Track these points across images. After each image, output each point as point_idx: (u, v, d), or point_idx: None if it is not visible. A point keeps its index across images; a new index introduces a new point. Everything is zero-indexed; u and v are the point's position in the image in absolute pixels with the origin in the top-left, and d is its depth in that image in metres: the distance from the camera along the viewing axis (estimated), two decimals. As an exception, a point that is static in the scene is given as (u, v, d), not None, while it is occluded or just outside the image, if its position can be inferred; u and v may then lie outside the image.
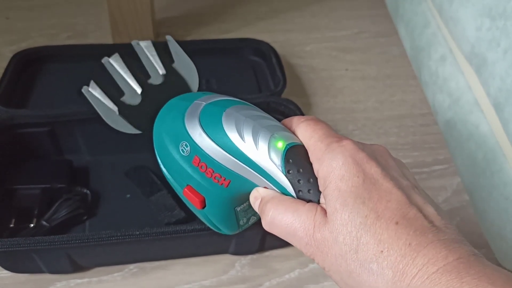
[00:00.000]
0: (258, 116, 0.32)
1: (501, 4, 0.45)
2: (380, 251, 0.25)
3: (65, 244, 0.47)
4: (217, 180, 0.32)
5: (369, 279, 0.25)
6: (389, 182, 0.27)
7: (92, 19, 0.84)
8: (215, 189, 0.32)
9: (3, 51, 0.76)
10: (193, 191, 0.33)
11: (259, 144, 0.30)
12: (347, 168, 0.27)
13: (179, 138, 0.33)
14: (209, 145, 0.31)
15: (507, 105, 0.44)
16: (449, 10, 0.55)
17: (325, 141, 0.29)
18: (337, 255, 0.26)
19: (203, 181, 0.32)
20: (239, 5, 0.92)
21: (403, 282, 0.24)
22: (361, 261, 0.25)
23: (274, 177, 0.30)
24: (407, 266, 0.24)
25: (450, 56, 0.56)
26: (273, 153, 0.30)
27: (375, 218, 0.26)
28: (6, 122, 0.57)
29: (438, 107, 0.60)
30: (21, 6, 0.86)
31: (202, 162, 0.32)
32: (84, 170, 0.61)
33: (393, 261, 0.24)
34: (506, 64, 0.44)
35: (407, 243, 0.25)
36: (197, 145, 0.32)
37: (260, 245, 0.54)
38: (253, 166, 0.31)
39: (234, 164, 0.31)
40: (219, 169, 0.32)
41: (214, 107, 0.33)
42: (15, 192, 0.56)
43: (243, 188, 0.32)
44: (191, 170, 0.33)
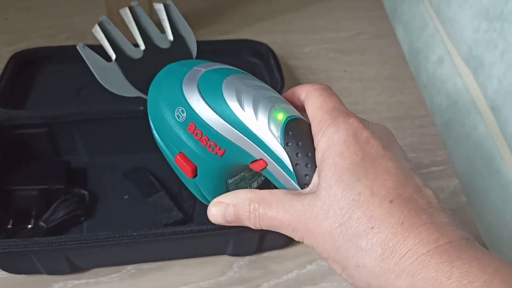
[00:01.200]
0: (260, 87, 0.31)
1: (498, 6, 0.45)
2: (371, 227, 0.25)
3: (62, 245, 0.47)
4: (212, 149, 0.31)
5: (357, 254, 0.25)
6: (388, 162, 0.27)
7: (90, 20, 0.83)
8: (208, 158, 0.32)
9: (1, 51, 0.76)
10: (185, 159, 0.33)
11: (259, 115, 0.30)
12: (348, 145, 0.27)
13: (175, 103, 0.32)
14: (206, 111, 0.31)
15: (504, 106, 0.44)
16: (446, 12, 0.55)
17: (333, 114, 0.29)
18: (325, 231, 0.26)
19: (197, 148, 0.32)
20: (238, 6, 0.92)
21: (391, 260, 0.24)
22: (350, 237, 0.25)
23: (271, 149, 0.30)
24: (397, 244, 0.24)
25: (447, 57, 0.56)
26: (273, 124, 0.29)
27: (369, 195, 0.25)
28: (4, 123, 0.57)
29: (436, 108, 0.60)
30: (19, 7, 0.86)
31: (198, 129, 0.31)
32: (82, 171, 0.61)
33: (383, 238, 0.24)
34: (503, 66, 0.44)
35: (399, 221, 0.24)
36: (194, 111, 0.31)
37: (258, 246, 0.54)
38: (251, 136, 0.30)
39: (231, 133, 0.30)
40: (215, 138, 0.31)
41: (214, 74, 0.32)
42: (12, 193, 0.56)
43: (238, 159, 0.31)
44: (186, 136, 0.32)
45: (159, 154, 0.62)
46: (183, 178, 0.35)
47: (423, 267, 0.23)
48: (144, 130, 0.60)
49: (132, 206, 0.58)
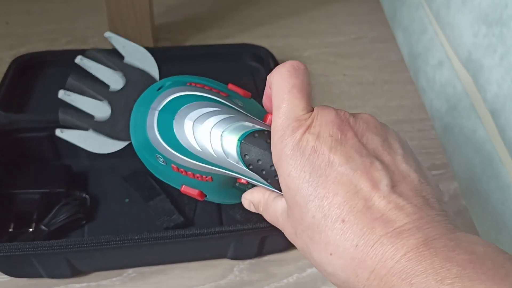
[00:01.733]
0: (207, 114, 0.31)
1: (498, 11, 0.46)
2: (329, 254, 0.24)
3: (64, 248, 0.47)
4: (202, 179, 0.33)
5: (329, 277, 0.25)
6: (337, 169, 0.25)
7: (91, 25, 0.84)
8: (204, 184, 0.34)
9: (2, 55, 0.76)
10: (189, 189, 0.35)
11: (214, 147, 0.30)
12: (293, 162, 0.25)
13: (151, 151, 0.34)
14: (176, 155, 0.32)
15: (504, 111, 0.45)
16: (446, 16, 0.56)
17: (285, 124, 0.27)
18: (301, 249, 0.27)
19: (190, 181, 0.34)
20: (238, 10, 0.93)
21: (358, 284, 0.23)
22: (317, 261, 0.25)
23: (242, 173, 0.31)
24: (358, 269, 0.23)
25: (447, 61, 0.56)
26: (229, 151, 0.30)
27: (321, 217, 0.24)
28: (5, 126, 0.57)
29: (435, 112, 0.60)
30: (21, 11, 0.86)
31: (180, 168, 0.33)
32: (83, 175, 0.61)
33: (342, 264, 0.23)
34: (502, 70, 0.45)
35: (354, 244, 0.23)
36: (167, 156, 0.33)
37: (258, 250, 0.54)
38: (219, 167, 0.31)
39: (205, 167, 0.32)
40: (197, 171, 0.32)
41: (165, 115, 0.32)
42: (14, 196, 0.56)
43: (226, 180, 0.33)
44: (175, 175, 0.34)
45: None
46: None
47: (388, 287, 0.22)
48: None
49: (133, 209, 0.58)
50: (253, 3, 0.95)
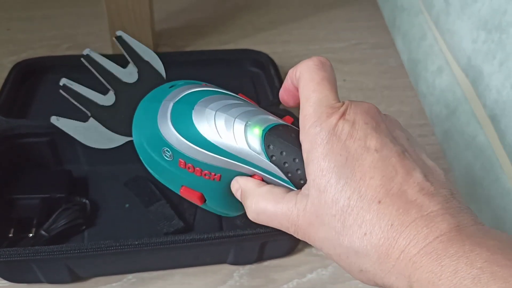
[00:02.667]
0: (229, 106, 0.31)
1: (497, 17, 0.46)
2: (363, 234, 0.24)
3: (64, 254, 0.47)
4: (208, 177, 0.31)
5: (358, 261, 0.25)
6: (373, 155, 0.25)
7: (92, 30, 0.84)
8: (209, 185, 0.32)
9: (3, 61, 0.76)
10: (189, 190, 0.33)
11: (236, 136, 0.30)
12: (330, 146, 0.26)
13: (158, 145, 0.32)
14: (188, 147, 0.31)
15: (503, 116, 0.45)
16: (445, 23, 0.56)
17: (317, 110, 0.27)
18: (324, 238, 0.26)
19: (194, 180, 0.32)
20: (238, 16, 0.93)
21: (388, 264, 0.24)
22: (347, 245, 0.25)
23: (260, 165, 0.30)
24: (390, 248, 0.24)
25: (447, 68, 0.57)
26: (252, 142, 0.29)
27: (357, 199, 0.25)
28: (6, 132, 0.57)
29: (435, 118, 0.60)
30: (22, 17, 0.87)
31: (188, 164, 0.31)
32: (83, 180, 0.61)
33: (376, 243, 0.24)
34: (502, 76, 0.45)
35: (389, 223, 0.24)
36: (177, 149, 0.31)
37: (258, 255, 0.54)
38: (236, 159, 0.30)
39: (218, 161, 0.31)
40: (206, 167, 0.31)
41: (182, 106, 0.32)
42: (14, 201, 0.56)
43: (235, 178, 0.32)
44: (180, 172, 0.32)
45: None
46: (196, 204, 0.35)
47: (415, 269, 0.23)
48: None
49: (133, 214, 0.58)
50: (254, 10, 0.95)
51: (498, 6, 0.46)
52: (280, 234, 0.50)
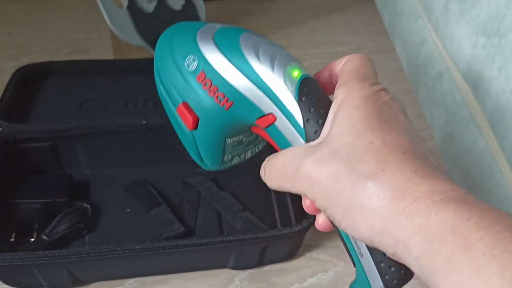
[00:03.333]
0: (276, 45, 0.31)
1: (496, 22, 0.46)
2: (381, 169, 0.24)
3: (65, 258, 0.47)
4: (219, 100, 0.30)
5: (363, 195, 0.24)
6: (402, 123, 0.26)
7: (93, 35, 0.85)
8: (213, 110, 0.31)
9: (4, 66, 0.77)
10: (188, 109, 0.31)
11: (275, 68, 0.29)
12: (366, 101, 0.27)
13: (186, 52, 0.31)
14: (220, 60, 0.30)
15: (503, 121, 0.45)
16: (445, 28, 0.56)
17: (362, 77, 0.28)
18: (329, 174, 0.25)
19: (203, 99, 0.31)
20: (238, 21, 0.93)
21: (401, 203, 0.23)
22: (357, 177, 0.24)
23: (284, 103, 0.29)
24: (409, 189, 0.23)
25: (446, 73, 0.57)
26: (288, 78, 0.29)
27: (381, 144, 0.25)
28: (8, 136, 0.58)
29: (435, 122, 0.61)
30: (23, 22, 0.87)
31: (207, 78, 0.30)
32: (84, 185, 0.61)
33: (394, 181, 0.24)
34: (501, 81, 0.45)
35: (413, 169, 0.24)
36: (206, 60, 0.30)
37: (259, 260, 0.54)
38: (264, 88, 0.29)
39: (243, 84, 0.30)
40: (225, 88, 0.30)
41: (230, 29, 0.32)
42: (15, 206, 0.56)
43: (244, 113, 0.31)
44: (194, 85, 0.31)
45: (161, 167, 0.63)
46: (181, 132, 0.33)
47: (439, 210, 0.22)
48: (146, 143, 0.61)
49: (134, 219, 0.58)
50: (254, 14, 0.96)
51: (497, 11, 0.46)
52: (281, 238, 0.50)
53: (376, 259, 0.28)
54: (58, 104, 0.66)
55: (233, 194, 0.60)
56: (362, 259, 0.28)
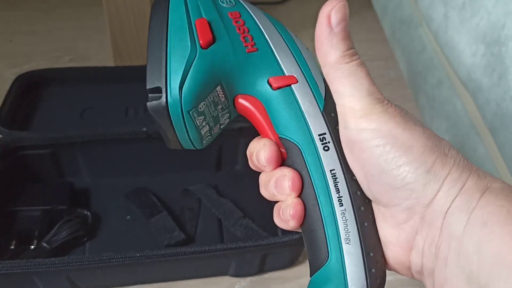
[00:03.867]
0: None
1: (496, 31, 0.46)
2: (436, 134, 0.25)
3: (65, 266, 0.47)
4: (245, 40, 0.28)
5: (407, 153, 0.24)
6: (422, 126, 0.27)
7: (93, 43, 0.85)
8: (235, 46, 0.27)
9: (6, 74, 0.77)
10: (206, 27, 0.27)
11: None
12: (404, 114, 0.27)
13: None
14: (257, 11, 0.29)
15: (503, 129, 0.45)
16: (445, 36, 0.57)
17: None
18: (402, 112, 0.26)
19: (229, 31, 0.28)
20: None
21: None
22: (408, 134, 0.25)
23: (311, 71, 0.28)
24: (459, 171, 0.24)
25: (446, 80, 0.57)
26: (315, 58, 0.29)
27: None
28: (9, 144, 0.58)
29: (435, 130, 0.61)
30: (24, 30, 0.87)
31: (241, 19, 0.28)
32: (84, 192, 0.61)
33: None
34: (501, 89, 0.45)
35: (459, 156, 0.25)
36: (243, 5, 0.29)
37: (259, 267, 0.54)
38: (295, 50, 0.29)
39: (276, 38, 0.29)
40: (256, 33, 0.28)
41: None
42: (16, 214, 0.56)
43: (261, 65, 0.28)
44: (225, 16, 0.28)
45: (162, 175, 0.63)
46: (179, 54, 0.27)
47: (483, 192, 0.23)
48: (146, 152, 0.62)
49: (134, 226, 0.58)
50: (254, 22, 0.96)
51: (496, 20, 0.46)
52: (282, 245, 0.50)
53: (367, 247, 0.26)
54: (59, 111, 0.67)
55: (234, 201, 0.60)
56: (346, 248, 0.26)
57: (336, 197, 0.26)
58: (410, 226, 0.25)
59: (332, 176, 0.27)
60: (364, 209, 0.26)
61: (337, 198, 0.26)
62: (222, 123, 0.29)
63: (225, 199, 0.61)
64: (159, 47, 0.27)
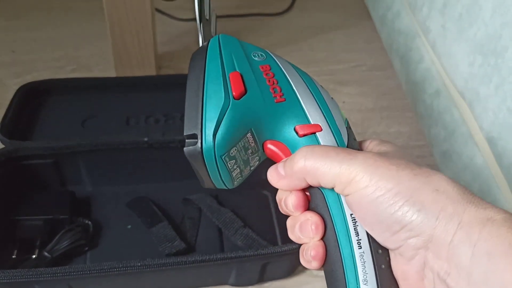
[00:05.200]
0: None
1: (492, 42, 0.47)
2: (438, 184, 0.26)
3: (66, 275, 0.47)
4: (274, 91, 0.30)
5: (438, 180, 0.26)
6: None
7: (95, 52, 0.86)
8: (264, 96, 0.30)
9: (8, 83, 0.77)
10: (241, 79, 0.30)
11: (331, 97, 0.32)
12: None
13: (255, 49, 0.33)
14: (286, 64, 0.32)
15: (500, 139, 0.46)
16: (442, 46, 0.57)
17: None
18: (401, 162, 0.28)
19: (259, 82, 0.30)
20: (239, 39, 0.94)
21: (471, 194, 0.25)
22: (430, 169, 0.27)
23: (335, 120, 0.31)
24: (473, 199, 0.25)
25: (444, 90, 0.58)
26: (338, 112, 0.32)
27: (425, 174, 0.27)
28: (11, 153, 0.58)
29: (433, 139, 0.61)
30: (26, 39, 0.88)
31: (271, 71, 0.31)
32: (86, 201, 0.62)
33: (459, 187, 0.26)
34: (498, 99, 0.46)
35: (461, 192, 0.26)
36: (274, 59, 0.32)
37: (259, 276, 0.54)
38: (321, 101, 0.31)
39: (302, 88, 0.31)
40: (284, 84, 0.31)
41: None
42: (17, 223, 0.56)
43: (289, 114, 0.30)
44: (256, 69, 0.31)
45: (162, 184, 0.63)
46: (212, 102, 0.30)
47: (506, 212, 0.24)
48: (147, 161, 0.62)
49: (135, 236, 0.58)
50: (254, 32, 0.97)
51: (493, 31, 0.47)
52: (282, 254, 0.51)
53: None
54: (61, 121, 0.67)
55: (234, 210, 0.61)
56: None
57: (355, 240, 0.28)
58: (417, 261, 0.26)
59: (352, 220, 0.28)
60: (381, 251, 0.28)
61: (357, 241, 0.28)
62: (252, 165, 0.33)
63: (225, 208, 0.61)
64: (196, 97, 0.30)
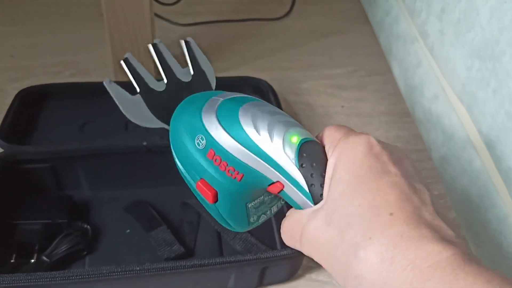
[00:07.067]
0: (275, 112, 0.33)
1: (490, 46, 0.47)
2: (368, 237, 0.25)
3: (65, 280, 0.47)
4: (231, 174, 0.32)
5: (356, 264, 0.25)
6: (393, 177, 0.27)
7: (94, 57, 0.86)
8: (228, 183, 0.33)
9: (7, 88, 0.77)
10: (206, 185, 0.33)
11: (274, 138, 0.31)
12: (354, 160, 0.28)
13: (195, 131, 0.33)
14: (224, 137, 0.32)
15: (498, 142, 0.46)
16: (440, 51, 0.57)
17: (346, 133, 0.30)
18: (327, 242, 0.27)
19: (216, 174, 0.33)
20: (238, 44, 0.95)
21: (392, 273, 0.23)
22: (348, 247, 0.25)
23: (287, 171, 0.31)
24: (397, 256, 0.23)
25: (442, 94, 0.58)
26: (288, 146, 0.31)
27: (369, 206, 0.25)
28: (9, 158, 0.58)
29: (432, 143, 0.61)
30: (25, 44, 0.88)
31: (217, 155, 0.32)
32: (84, 206, 0.61)
33: (381, 250, 0.24)
34: (496, 103, 0.46)
35: (399, 233, 0.24)
36: (213, 138, 0.32)
37: (259, 280, 0.54)
38: (267, 159, 0.31)
39: (248, 158, 0.32)
40: (233, 162, 0.32)
41: (231, 103, 0.34)
42: (16, 227, 0.56)
43: (256, 182, 0.33)
44: (206, 163, 0.33)
45: (161, 188, 0.63)
46: (205, 204, 0.35)
47: (427, 279, 0.22)
48: (146, 165, 0.62)
49: (134, 240, 0.58)
50: (253, 37, 0.97)
51: (491, 36, 0.47)
52: (281, 259, 0.51)
53: None
54: (59, 125, 0.67)
55: (233, 214, 0.61)
56: None
57: None
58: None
59: None
60: None
61: None
62: (272, 210, 0.37)
63: (224, 212, 0.61)
64: None
